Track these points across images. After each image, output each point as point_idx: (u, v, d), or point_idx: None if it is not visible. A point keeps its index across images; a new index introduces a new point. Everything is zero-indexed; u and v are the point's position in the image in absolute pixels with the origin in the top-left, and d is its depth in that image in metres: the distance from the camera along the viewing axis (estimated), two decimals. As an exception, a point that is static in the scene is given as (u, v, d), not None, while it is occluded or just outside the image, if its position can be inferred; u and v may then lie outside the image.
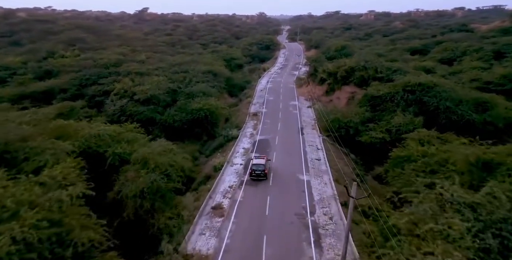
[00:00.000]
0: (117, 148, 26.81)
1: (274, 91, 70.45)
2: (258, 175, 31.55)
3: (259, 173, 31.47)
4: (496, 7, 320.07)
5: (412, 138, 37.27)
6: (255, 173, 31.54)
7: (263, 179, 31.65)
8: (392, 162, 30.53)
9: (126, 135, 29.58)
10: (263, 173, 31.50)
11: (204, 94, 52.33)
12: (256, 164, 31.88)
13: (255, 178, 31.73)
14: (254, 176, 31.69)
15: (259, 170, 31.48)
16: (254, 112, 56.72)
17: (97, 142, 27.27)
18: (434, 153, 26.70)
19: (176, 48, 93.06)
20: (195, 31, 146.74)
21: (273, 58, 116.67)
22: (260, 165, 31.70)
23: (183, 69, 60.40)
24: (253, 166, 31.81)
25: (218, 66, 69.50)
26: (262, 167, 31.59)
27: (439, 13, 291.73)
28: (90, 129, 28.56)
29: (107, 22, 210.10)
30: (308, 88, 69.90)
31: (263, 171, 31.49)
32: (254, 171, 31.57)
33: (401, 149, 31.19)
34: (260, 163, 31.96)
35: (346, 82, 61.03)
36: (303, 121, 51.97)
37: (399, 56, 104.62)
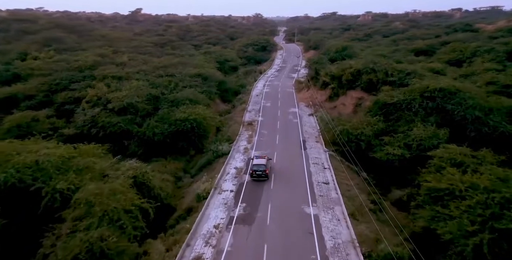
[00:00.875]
0: (59, 182, 19.54)
1: (271, 96, 63.40)
2: (259, 176, 30.60)
3: (260, 173, 30.52)
4: (494, 8, 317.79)
5: (440, 157, 30.47)
6: (256, 174, 30.60)
7: (264, 179, 30.68)
8: (425, 197, 23.31)
9: (79, 162, 22.29)
10: (264, 174, 30.54)
11: (191, 101, 45.17)
12: (257, 164, 30.90)
13: (256, 178, 30.74)
14: (255, 177, 30.75)
15: (260, 170, 30.51)
16: (249, 121, 49.59)
17: (34, 173, 20.02)
18: (489, 186, 19.68)
19: (165, 49, 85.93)
20: (188, 31, 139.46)
21: (270, 59, 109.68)
22: (261, 165, 30.72)
23: (168, 72, 53.20)
24: (254, 166, 30.82)
25: (209, 69, 62.39)
26: (263, 167, 30.58)
27: (437, 14, 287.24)
28: (28, 154, 21.28)
29: (98, 23, 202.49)
30: (309, 92, 62.92)
31: (264, 172, 30.53)
32: (255, 172, 30.61)
33: (435, 176, 24.12)
34: (261, 163, 30.95)
35: (352, 86, 54.14)
36: (305, 132, 44.89)
37: (403, 57, 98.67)
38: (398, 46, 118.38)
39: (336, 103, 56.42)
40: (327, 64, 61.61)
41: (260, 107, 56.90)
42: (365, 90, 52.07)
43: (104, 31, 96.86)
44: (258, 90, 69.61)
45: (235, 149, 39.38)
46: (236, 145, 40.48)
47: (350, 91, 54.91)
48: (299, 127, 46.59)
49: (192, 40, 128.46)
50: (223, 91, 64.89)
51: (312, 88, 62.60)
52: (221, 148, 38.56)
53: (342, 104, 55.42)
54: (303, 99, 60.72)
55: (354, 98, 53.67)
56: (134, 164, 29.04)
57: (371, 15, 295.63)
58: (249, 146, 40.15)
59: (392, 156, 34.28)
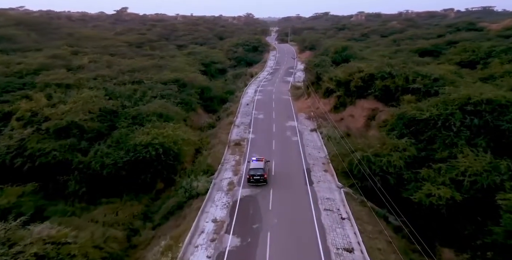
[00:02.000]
0: None
1: (264, 106, 52.70)
2: (257, 181, 28.09)
3: (258, 178, 27.99)
4: (485, 8, 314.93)
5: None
6: (254, 179, 28.04)
7: (262, 184, 28.03)
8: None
9: None
10: (262, 178, 28.04)
11: (160, 116, 34.24)
12: (254, 168, 28.25)
13: (254, 183, 28.11)
14: (252, 182, 28.14)
15: (257, 175, 27.96)
16: (237, 139, 38.81)
17: None
18: None
19: (142, 50, 74.68)
20: (173, 30, 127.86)
21: (262, 61, 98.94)
22: (259, 169, 28.13)
23: (136, 77, 42.01)
24: (251, 170, 28.24)
25: (190, 73, 51.36)
26: (261, 171, 28.06)
27: (430, 14, 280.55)
28: None
29: (80, 21, 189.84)
30: (309, 101, 52.39)
31: (262, 176, 28.00)
32: (252, 177, 28.04)
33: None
34: (259, 167, 28.27)
35: (363, 94, 43.73)
36: (309, 156, 34.28)
37: (407, 58, 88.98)
38: (400, 46, 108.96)
39: (343, 114, 45.96)
40: (331, 67, 51.09)
41: (251, 119, 46.15)
42: (380, 99, 41.73)
43: (73, 29, 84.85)
44: (249, 97, 58.82)
45: (216, 184, 28.53)
46: (217, 178, 29.62)
47: (360, 100, 44.51)
48: (301, 149, 35.95)
49: (177, 39, 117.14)
50: (207, 100, 53.98)
51: (313, 96, 52.06)
52: (196, 184, 27.65)
53: (350, 116, 44.98)
54: (303, 109, 50.13)
55: (365, 109, 43.28)
56: (48, 230, 18.17)
57: (364, 15, 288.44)
58: (235, 180, 29.33)
59: (438, 200, 23.88)
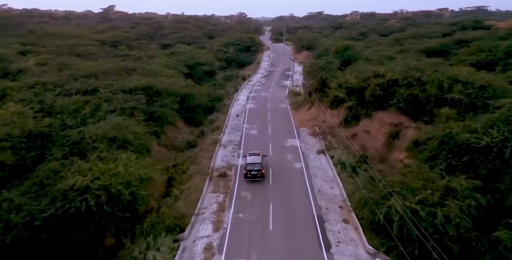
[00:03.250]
0: None
1: (257, 117, 43.05)
2: (255, 176, 26.26)
3: (255, 173, 26.15)
4: (479, 7, 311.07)
5: None
6: (251, 174, 26.19)
7: (260, 180, 26.17)
8: None
9: None
10: (260, 174, 26.17)
11: (113, 142, 24.34)
12: (251, 163, 26.47)
13: (251, 179, 26.24)
14: (250, 178, 26.30)
15: (255, 170, 26.11)
16: (222, 168, 29.09)
17: None
18: None
19: (118, 49, 64.57)
20: (159, 29, 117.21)
21: (255, 62, 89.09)
22: (256, 164, 26.31)
23: (90, 85, 31.91)
24: (248, 165, 26.40)
25: (167, 78, 41.32)
26: (259, 166, 26.20)
27: (426, 13, 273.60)
28: None
29: (63, 20, 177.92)
30: (312, 111, 42.82)
31: (259, 171, 26.09)
32: (249, 172, 26.19)
33: None
34: (256, 162, 26.50)
35: (382, 105, 34.38)
36: (319, 194, 24.76)
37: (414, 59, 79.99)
38: (404, 45, 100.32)
39: (355, 129, 36.48)
40: (339, 70, 41.43)
41: (241, 137, 36.45)
42: (405, 112, 32.36)
43: (36, 26, 74.03)
44: (240, 105, 49.08)
45: (186, 250, 18.79)
46: (189, 238, 19.87)
47: (378, 112, 35.14)
48: (307, 183, 26.35)
49: (163, 38, 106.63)
50: (189, 110, 44.15)
51: (318, 105, 42.46)
52: (153, 257, 17.84)
53: (365, 132, 35.56)
54: (305, 122, 40.54)
55: (385, 124, 33.89)
56: None
57: (359, 14, 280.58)
58: (215, 241, 19.59)
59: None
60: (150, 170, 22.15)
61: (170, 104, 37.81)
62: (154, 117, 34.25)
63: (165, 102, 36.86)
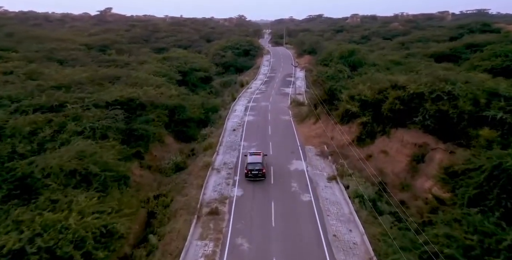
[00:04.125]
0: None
1: (257, 132, 37.72)
2: (256, 176, 25.94)
3: (256, 173, 25.83)
4: (480, 10, 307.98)
5: None
6: (252, 174, 25.87)
7: (261, 179, 25.93)
8: None
9: None
10: (260, 173, 25.89)
11: (72, 176, 19.01)
12: (252, 162, 26.14)
13: (252, 179, 25.95)
14: (251, 177, 26.02)
15: (256, 169, 25.82)
16: (213, 201, 23.75)
17: None
18: None
19: (106, 54, 59.31)
20: (154, 32, 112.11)
21: (254, 67, 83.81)
22: (257, 164, 25.98)
23: (58, 100, 26.58)
24: (249, 165, 26.06)
25: (153, 89, 35.91)
26: (260, 166, 25.91)
27: (427, 16, 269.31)
28: None
29: (57, 22, 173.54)
30: (318, 126, 37.46)
31: (260, 171, 25.83)
32: (250, 171, 25.87)
33: None
34: (257, 161, 26.14)
35: (403, 122, 29.17)
36: (334, 240, 19.42)
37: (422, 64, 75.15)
38: (410, 49, 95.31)
39: (371, 149, 31.18)
40: (349, 79, 35.92)
41: (238, 158, 31.12)
42: (432, 131, 27.18)
43: (19, 28, 68.59)
44: (237, 117, 43.79)
45: None
46: None
47: (397, 130, 29.94)
48: (319, 226, 20.99)
49: (158, 42, 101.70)
50: (180, 123, 38.86)
51: (325, 118, 37.11)
52: None
53: (383, 153, 30.27)
54: (311, 139, 35.19)
55: (407, 144, 28.66)
56: None
57: (359, 17, 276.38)
58: None
59: None
60: (116, 219, 16.80)
61: (156, 119, 32.59)
62: (136, 136, 29.01)
63: (149, 117, 31.57)
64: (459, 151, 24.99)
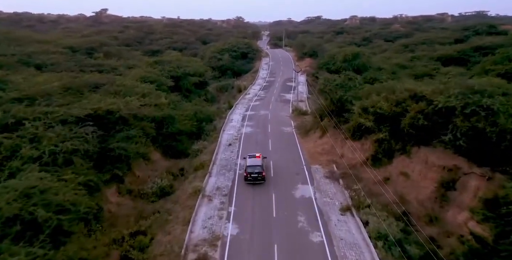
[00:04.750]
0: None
1: (255, 148, 32.93)
2: (255, 179, 25.19)
3: (256, 176, 25.11)
4: (479, 12, 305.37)
5: None
6: (252, 177, 25.17)
7: (261, 182, 25.11)
8: None
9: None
10: (260, 176, 25.11)
11: (14, 224, 14.26)
12: (252, 165, 25.38)
13: (252, 182, 25.16)
14: (250, 180, 25.23)
15: (255, 172, 25.11)
16: (202, 243, 19.11)
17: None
18: None
19: (93, 58, 54.62)
20: (149, 33, 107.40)
21: (253, 71, 79.16)
22: (257, 167, 25.26)
23: (14, 116, 21.89)
24: (249, 168, 25.34)
25: (137, 99, 31.11)
26: (259, 169, 25.16)
27: (427, 18, 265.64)
28: None
29: (50, 23, 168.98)
30: (325, 140, 32.83)
31: (260, 174, 25.08)
32: (249, 174, 25.19)
33: None
34: (256, 164, 25.43)
35: (427, 140, 24.67)
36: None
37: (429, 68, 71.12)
38: (415, 52, 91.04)
39: (388, 170, 26.62)
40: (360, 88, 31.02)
41: (234, 181, 26.47)
42: (464, 152, 22.67)
43: (3, 29, 64.01)
44: (233, 129, 39.16)
45: None
46: None
47: (420, 149, 25.41)
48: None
49: (152, 44, 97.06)
50: (169, 137, 34.22)
51: (332, 132, 32.49)
52: None
53: (403, 175, 25.73)
54: (317, 157, 30.56)
55: (434, 166, 24.11)
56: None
57: (358, 19, 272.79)
58: None
59: None
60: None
61: (139, 135, 27.90)
62: (113, 157, 24.36)
63: (131, 132, 26.89)
64: (498, 177, 20.64)
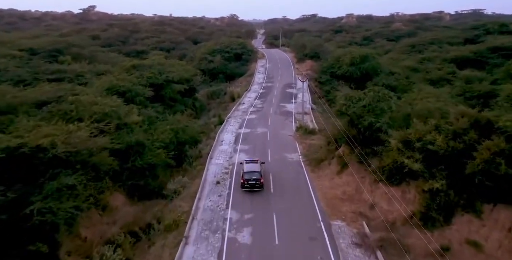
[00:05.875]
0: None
1: (252, 187, 24.40)
2: (253, 186, 23.23)
3: (253, 183, 23.17)
4: (475, 11, 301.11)
5: None
6: (249, 184, 23.20)
7: (259, 190, 23.26)
8: None
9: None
10: (258, 183, 23.23)
11: None
12: (249, 171, 23.48)
13: (249, 189, 23.22)
14: (247, 187, 23.25)
15: (253, 179, 23.22)
16: None
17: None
18: None
19: (58, 61, 45.42)
20: (134, 32, 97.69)
21: (248, 74, 70.08)
22: (255, 173, 23.47)
23: None
24: (246, 174, 23.45)
25: (84, 130, 22.07)
26: (257, 175, 23.37)
27: (425, 16, 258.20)
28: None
29: (32, 21, 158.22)
30: (346, 179, 24.19)
31: (258, 180, 23.21)
32: (247, 181, 23.22)
33: None
34: (254, 170, 23.62)
35: (508, 196, 16.28)
36: None
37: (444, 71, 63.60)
38: (423, 53, 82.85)
39: (446, 235, 18.06)
40: (393, 112, 22.02)
41: (222, 249, 17.83)
42: None
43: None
44: (223, 155, 30.33)
45: None
46: None
47: (499, 208, 16.98)
48: None
49: (137, 43, 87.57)
50: (136, 172, 25.29)
51: (357, 167, 23.87)
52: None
53: (470, 245, 17.44)
54: (337, 204, 21.83)
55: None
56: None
57: (355, 17, 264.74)
58: None
59: None
60: None
61: (84, 181, 19.05)
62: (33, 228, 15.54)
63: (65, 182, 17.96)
64: None
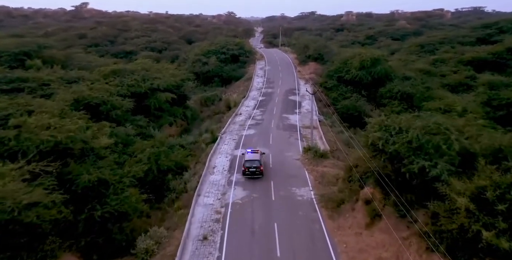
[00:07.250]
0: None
1: (251, 244, 18.02)
2: (253, 173, 25.47)
3: (253, 170, 25.42)
4: (476, 8, 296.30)
5: None
6: (250, 171, 25.46)
7: (258, 177, 25.35)
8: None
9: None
10: (258, 171, 25.43)
11: None
12: (250, 160, 25.65)
13: (250, 176, 25.48)
14: (248, 174, 25.54)
15: (253, 167, 25.42)
16: None
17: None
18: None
19: (26, 66, 38.76)
20: (124, 30, 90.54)
21: (245, 78, 63.23)
22: (255, 161, 25.60)
23: None
24: (247, 162, 25.58)
25: (14, 177, 15.76)
26: (257, 163, 25.54)
27: (427, 14, 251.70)
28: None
29: (20, 19, 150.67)
30: (379, 234, 17.87)
31: (258, 168, 25.42)
32: (248, 169, 25.47)
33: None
34: (254, 159, 25.75)
35: None
36: None
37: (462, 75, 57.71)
38: (435, 54, 76.46)
39: None
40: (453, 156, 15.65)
41: None
42: None
43: None
44: (215, 190, 23.82)
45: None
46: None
47: None
48: None
49: (126, 43, 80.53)
50: (101, 224, 18.74)
51: (393, 221, 17.55)
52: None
53: None
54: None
55: None
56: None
57: (354, 15, 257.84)
58: None
59: None
60: None
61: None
62: None
63: None
64: None
